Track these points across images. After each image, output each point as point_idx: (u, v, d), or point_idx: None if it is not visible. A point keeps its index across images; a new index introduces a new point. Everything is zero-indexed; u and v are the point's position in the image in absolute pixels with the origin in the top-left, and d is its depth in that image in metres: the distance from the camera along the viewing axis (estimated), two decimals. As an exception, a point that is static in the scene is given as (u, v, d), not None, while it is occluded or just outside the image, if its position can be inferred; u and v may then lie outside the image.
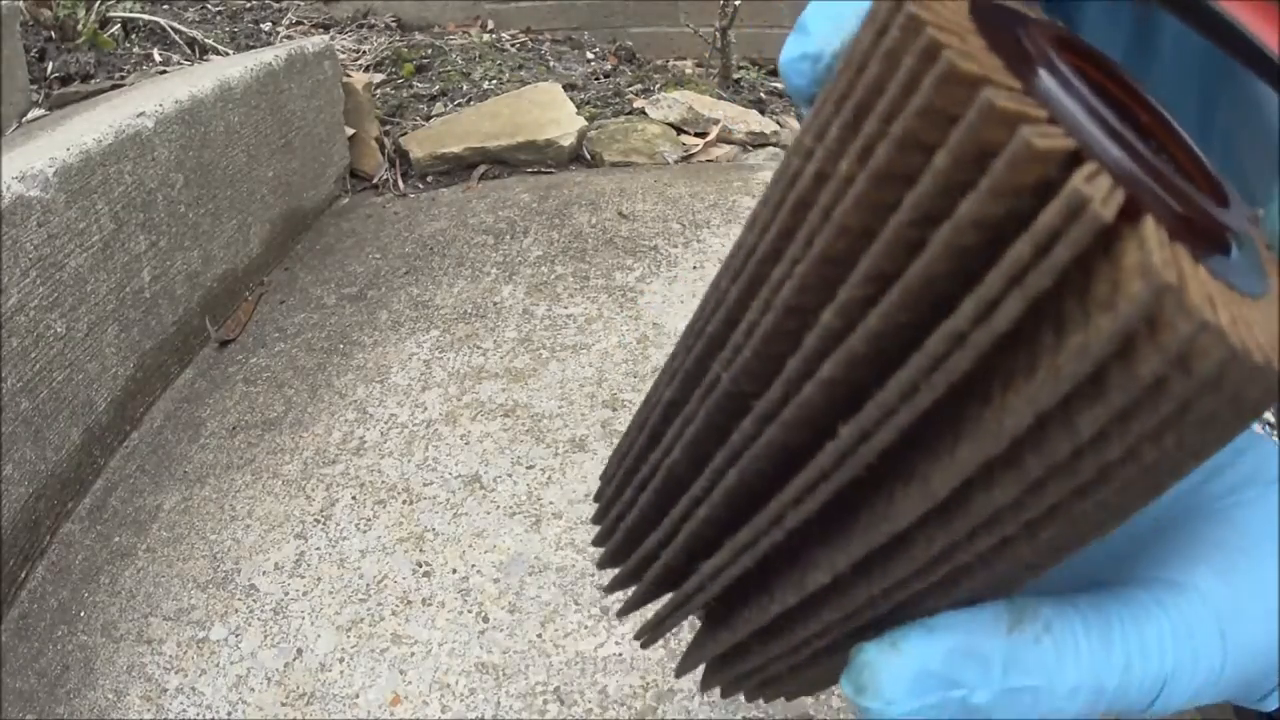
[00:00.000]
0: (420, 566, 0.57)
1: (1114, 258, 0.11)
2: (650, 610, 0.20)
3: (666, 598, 0.20)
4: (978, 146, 0.12)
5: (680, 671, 0.22)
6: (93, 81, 1.14)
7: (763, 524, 0.16)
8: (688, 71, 1.73)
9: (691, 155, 1.30)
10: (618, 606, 0.54)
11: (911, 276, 0.12)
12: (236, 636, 0.53)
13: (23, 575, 0.60)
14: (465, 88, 1.50)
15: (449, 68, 1.57)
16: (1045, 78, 0.13)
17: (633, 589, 0.21)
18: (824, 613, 0.16)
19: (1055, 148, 0.11)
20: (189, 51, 1.35)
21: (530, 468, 0.64)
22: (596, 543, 0.22)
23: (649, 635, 0.21)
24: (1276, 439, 0.22)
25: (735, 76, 1.63)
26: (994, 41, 0.13)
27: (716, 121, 1.35)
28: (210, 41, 1.39)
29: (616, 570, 0.22)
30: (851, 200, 0.13)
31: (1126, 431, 0.11)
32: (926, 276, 0.12)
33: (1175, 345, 0.10)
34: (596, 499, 0.23)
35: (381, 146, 1.27)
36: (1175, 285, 0.10)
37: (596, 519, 0.22)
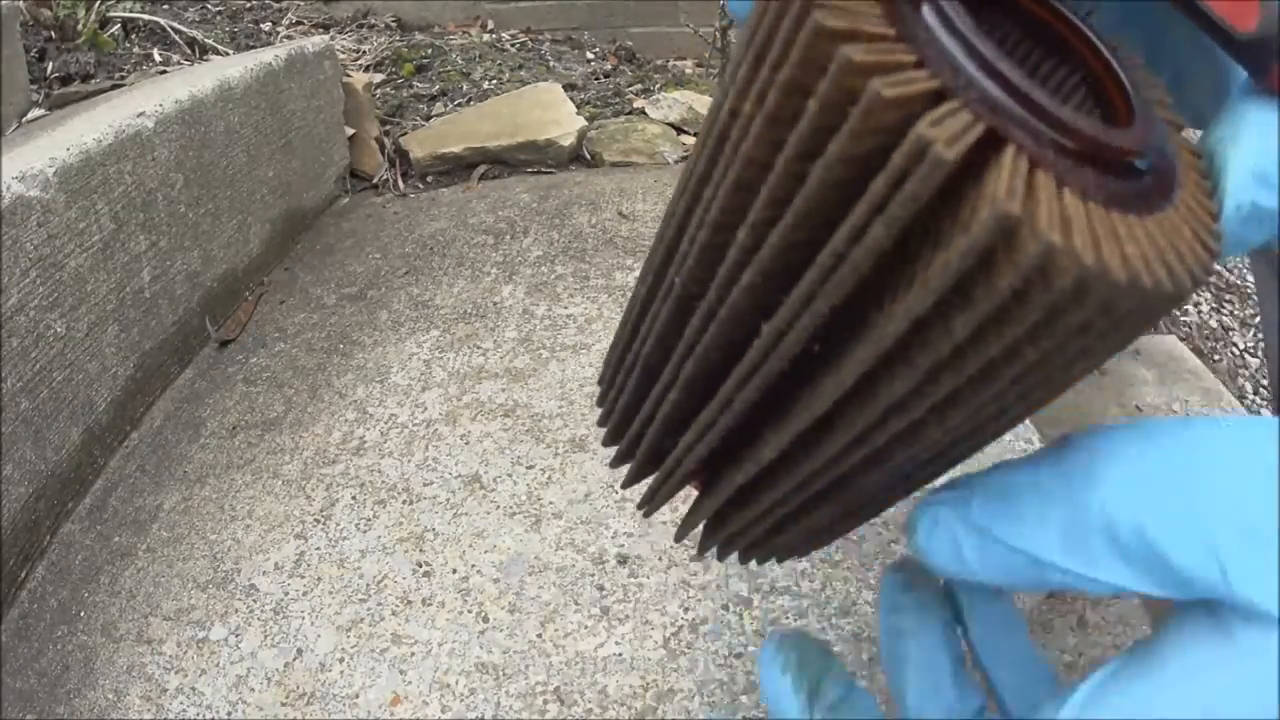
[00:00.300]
0: (420, 566, 0.57)
1: (980, 185, 0.12)
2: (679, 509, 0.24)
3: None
4: (842, 95, 0.13)
5: (679, 536, 0.25)
6: (93, 81, 1.14)
7: (716, 407, 0.18)
8: (688, 71, 1.73)
9: (691, 155, 1.30)
10: (618, 607, 0.54)
11: (799, 203, 0.14)
12: (236, 636, 0.53)
13: (23, 575, 0.60)
14: (465, 88, 1.50)
15: (449, 68, 1.57)
16: (927, 16, 0.14)
17: (628, 466, 0.24)
18: (779, 483, 0.19)
19: (907, 94, 0.13)
20: (189, 51, 1.35)
21: (530, 468, 0.64)
22: (600, 423, 0.25)
23: (648, 506, 0.24)
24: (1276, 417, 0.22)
25: (735, 76, 1.63)
26: None
27: (716, 121, 1.35)
28: (210, 41, 1.39)
29: (616, 448, 0.25)
30: (751, 137, 0.15)
31: (1001, 334, 0.13)
32: (810, 203, 0.14)
33: (1026, 263, 0.12)
34: (599, 383, 0.26)
35: (381, 146, 1.27)
36: (1016, 214, 0.12)
37: (599, 402, 0.26)
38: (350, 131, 1.22)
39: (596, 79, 1.60)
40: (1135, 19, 0.23)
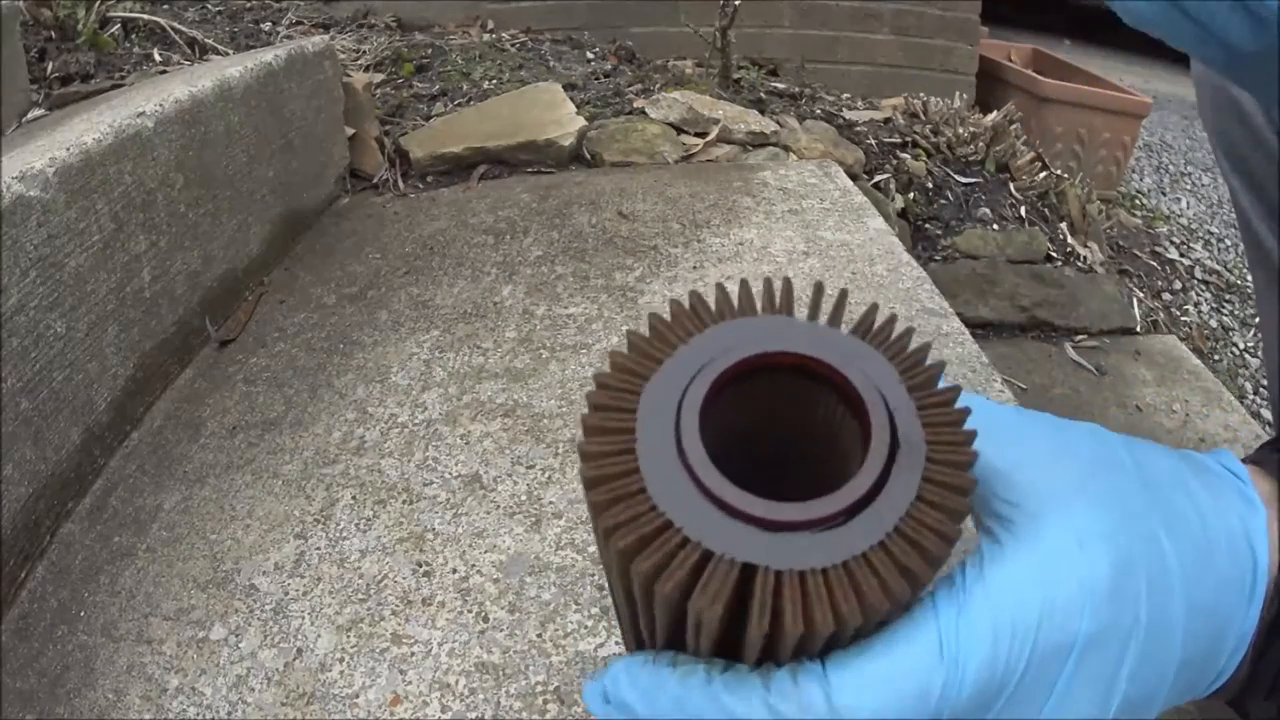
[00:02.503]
0: (420, 566, 0.57)
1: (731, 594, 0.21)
2: None
3: None
4: (622, 561, 0.22)
5: None
6: (93, 81, 1.14)
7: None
8: (688, 71, 1.73)
9: (691, 155, 1.30)
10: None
11: (651, 611, 0.24)
12: (236, 636, 0.53)
13: (23, 575, 0.60)
14: (465, 88, 1.50)
15: (449, 68, 1.57)
16: (657, 476, 0.22)
17: None
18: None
19: (629, 547, 0.21)
20: (189, 51, 1.35)
21: (530, 468, 0.64)
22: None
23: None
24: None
25: (735, 76, 1.63)
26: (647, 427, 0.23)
27: (716, 121, 1.35)
28: (210, 41, 1.39)
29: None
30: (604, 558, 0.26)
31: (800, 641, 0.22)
32: (651, 612, 0.24)
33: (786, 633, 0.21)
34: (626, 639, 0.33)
35: (381, 146, 1.26)
36: (718, 612, 0.21)
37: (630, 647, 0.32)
38: (350, 131, 1.22)
39: (596, 79, 1.60)
40: None
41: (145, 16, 1.37)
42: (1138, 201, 2.32)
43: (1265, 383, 1.56)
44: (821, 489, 0.22)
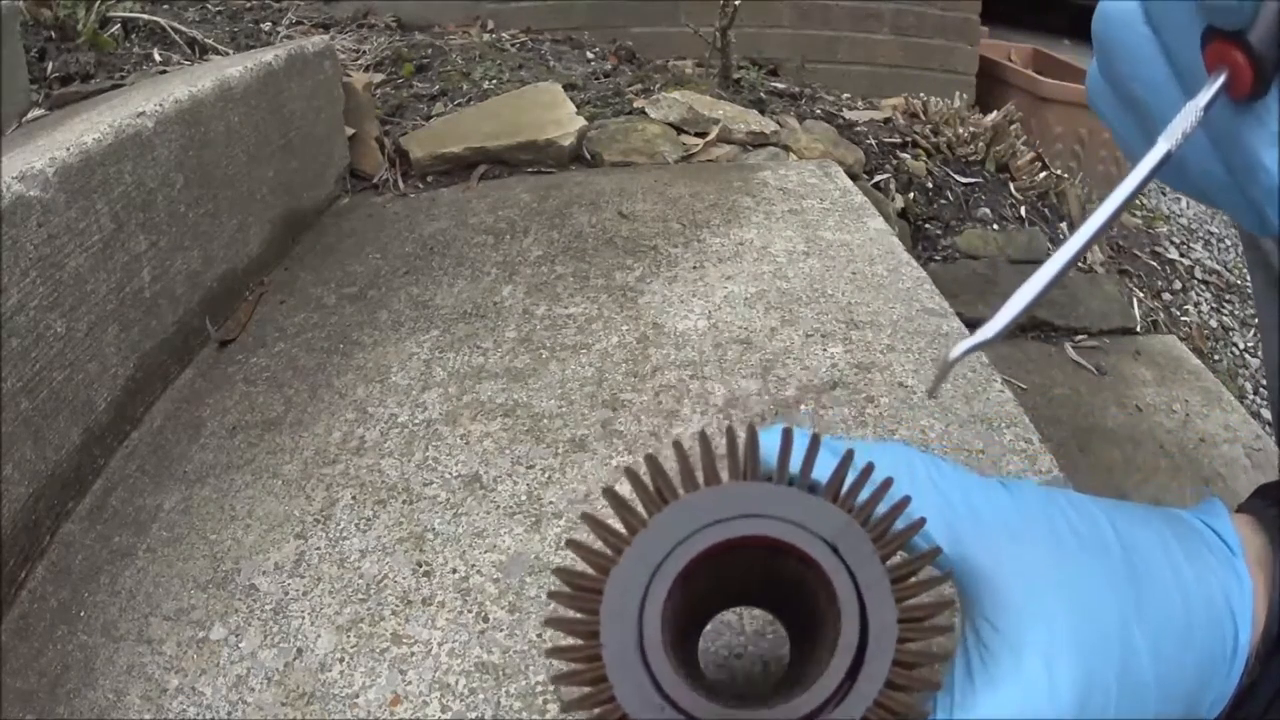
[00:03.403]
0: (420, 566, 0.57)
1: None
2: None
3: None
4: None
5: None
6: (93, 81, 1.14)
7: None
8: (688, 71, 1.73)
9: (691, 155, 1.30)
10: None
11: None
12: (236, 636, 0.53)
13: (23, 575, 0.60)
14: (465, 88, 1.50)
15: (449, 68, 1.57)
16: (622, 680, 0.22)
17: None
18: None
19: None
20: (189, 51, 1.35)
21: (530, 468, 0.64)
22: None
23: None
24: (1275, 442, 0.24)
25: (735, 76, 1.63)
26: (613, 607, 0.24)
27: (716, 121, 1.35)
28: (210, 41, 1.39)
29: None
30: None
31: None
32: None
33: None
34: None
35: (381, 146, 1.26)
36: None
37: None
38: (350, 131, 1.22)
39: (596, 79, 1.60)
40: None
41: (145, 16, 1.37)
42: (1138, 201, 2.32)
43: (1265, 382, 1.56)
44: (805, 628, 0.23)
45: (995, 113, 1.69)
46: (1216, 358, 1.62)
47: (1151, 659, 0.27)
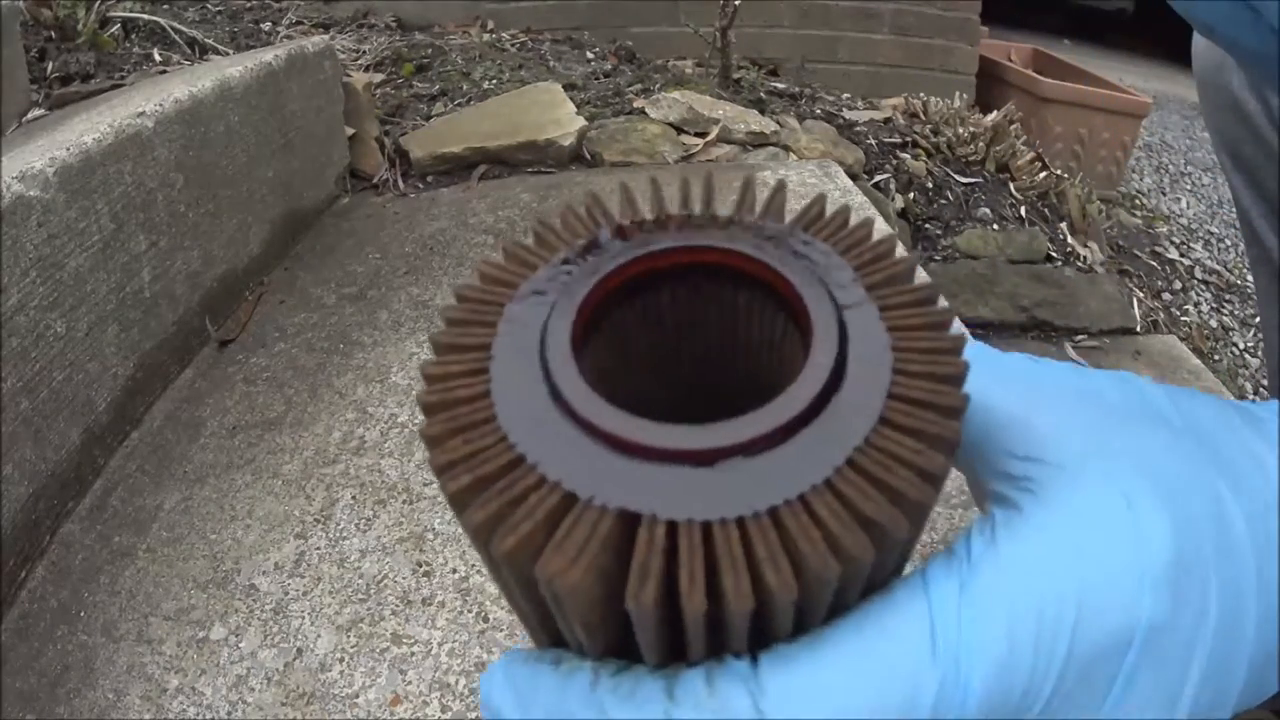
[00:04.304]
0: (420, 566, 0.57)
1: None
2: None
3: None
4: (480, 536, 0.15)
5: None
6: (93, 81, 1.14)
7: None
8: (688, 71, 1.73)
9: (691, 155, 1.30)
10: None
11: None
12: (236, 636, 0.53)
13: (23, 575, 0.60)
14: (465, 88, 1.50)
15: (449, 68, 1.57)
16: (511, 401, 0.16)
17: None
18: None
19: (464, 491, 0.15)
20: (189, 51, 1.35)
21: (530, 468, 0.64)
22: None
23: None
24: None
25: (735, 76, 1.63)
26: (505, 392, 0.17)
27: (716, 121, 1.35)
28: (210, 41, 1.39)
29: None
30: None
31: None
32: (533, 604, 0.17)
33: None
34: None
35: (381, 146, 1.27)
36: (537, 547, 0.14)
37: None
38: (350, 131, 1.22)
39: (596, 79, 1.60)
40: None
41: (145, 16, 1.37)
42: (1138, 201, 2.32)
43: (1265, 383, 1.56)
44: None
45: (995, 113, 1.69)
46: (1216, 358, 1.62)
47: (1248, 531, 0.18)
